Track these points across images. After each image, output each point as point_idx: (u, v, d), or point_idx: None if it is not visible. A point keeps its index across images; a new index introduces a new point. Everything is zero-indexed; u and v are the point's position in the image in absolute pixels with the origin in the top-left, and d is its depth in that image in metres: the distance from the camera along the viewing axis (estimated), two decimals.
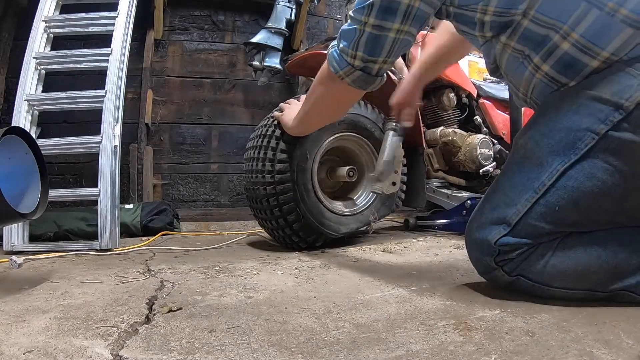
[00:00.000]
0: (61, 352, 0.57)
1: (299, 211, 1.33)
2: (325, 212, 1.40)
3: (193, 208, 2.34)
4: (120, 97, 1.60)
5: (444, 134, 1.95)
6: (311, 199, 1.37)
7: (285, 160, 1.32)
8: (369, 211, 1.52)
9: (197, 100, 2.41)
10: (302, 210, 1.33)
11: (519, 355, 0.54)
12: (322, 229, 1.38)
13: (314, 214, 1.36)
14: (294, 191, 1.32)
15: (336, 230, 1.42)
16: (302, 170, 1.35)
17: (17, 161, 1.00)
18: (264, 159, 1.33)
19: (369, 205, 1.52)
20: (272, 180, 1.31)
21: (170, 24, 2.47)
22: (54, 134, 1.63)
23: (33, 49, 1.62)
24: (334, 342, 0.60)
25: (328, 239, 1.41)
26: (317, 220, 1.36)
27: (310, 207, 1.36)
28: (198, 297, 0.84)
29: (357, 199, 1.54)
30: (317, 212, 1.37)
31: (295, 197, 1.32)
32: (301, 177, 1.35)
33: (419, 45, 1.95)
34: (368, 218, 1.51)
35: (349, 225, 1.46)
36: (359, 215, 1.50)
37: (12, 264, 1.16)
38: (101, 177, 1.51)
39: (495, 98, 2.18)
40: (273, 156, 1.32)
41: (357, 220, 1.49)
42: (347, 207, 1.50)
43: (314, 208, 1.37)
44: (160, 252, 1.44)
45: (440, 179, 1.97)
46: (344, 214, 1.47)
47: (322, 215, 1.39)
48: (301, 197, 1.34)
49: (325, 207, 1.41)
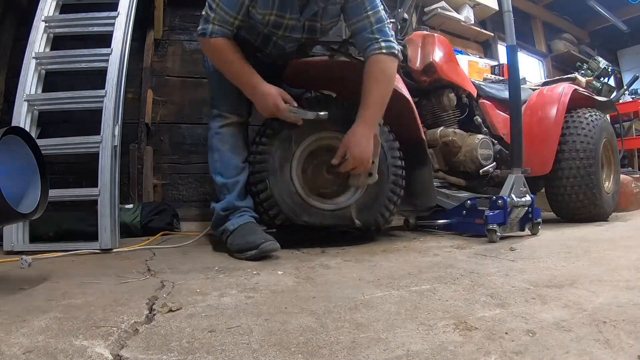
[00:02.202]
0: (61, 352, 0.57)
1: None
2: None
3: (193, 208, 2.33)
4: (120, 97, 1.60)
5: (444, 134, 1.95)
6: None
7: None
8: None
9: (197, 100, 2.40)
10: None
11: (519, 355, 0.54)
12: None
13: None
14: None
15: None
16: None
17: (17, 161, 1.00)
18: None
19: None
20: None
21: (170, 24, 2.46)
22: (54, 134, 1.62)
23: (33, 49, 1.62)
24: (334, 342, 0.60)
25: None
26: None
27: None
28: (198, 297, 0.84)
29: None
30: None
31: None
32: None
33: (418, 46, 1.95)
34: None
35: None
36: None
37: (22, 264, 1.16)
38: (101, 177, 1.50)
39: (495, 98, 2.18)
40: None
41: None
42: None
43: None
44: (160, 252, 1.44)
45: (440, 179, 1.97)
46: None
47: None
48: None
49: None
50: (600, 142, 2.15)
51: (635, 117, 4.16)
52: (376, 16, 1.41)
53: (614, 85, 4.44)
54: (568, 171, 2.07)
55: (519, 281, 0.93)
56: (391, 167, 1.55)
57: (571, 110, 2.19)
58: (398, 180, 1.57)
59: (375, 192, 1.52)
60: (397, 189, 1.57)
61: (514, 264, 1.12)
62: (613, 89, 4.15)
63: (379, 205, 1.53)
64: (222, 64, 1.43)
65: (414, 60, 1.92)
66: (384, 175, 1.53)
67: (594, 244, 1.41)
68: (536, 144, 2.05)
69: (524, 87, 2.38)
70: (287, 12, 1.39)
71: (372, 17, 1.40)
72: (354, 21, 1.42)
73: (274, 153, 1.45)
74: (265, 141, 1.46)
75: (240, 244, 1.31)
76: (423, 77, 1.93)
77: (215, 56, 1.44)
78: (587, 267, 1.06)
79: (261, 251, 1.25)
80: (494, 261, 1.17)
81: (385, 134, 1.57)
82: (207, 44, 1.41)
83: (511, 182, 1.60)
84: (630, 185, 2.87)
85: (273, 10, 1.38)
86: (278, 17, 1.40)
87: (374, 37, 1.40)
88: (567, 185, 2.08)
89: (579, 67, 4.12)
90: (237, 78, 1.42)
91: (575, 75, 2.88)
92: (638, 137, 4.14)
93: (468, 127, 2.07)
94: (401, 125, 1.64)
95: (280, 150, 1.46)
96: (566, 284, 0.89)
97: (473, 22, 3.66)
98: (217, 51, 1.41)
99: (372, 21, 1.40)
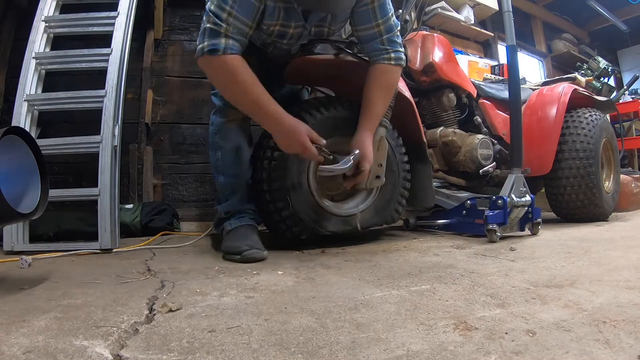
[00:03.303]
0: (61, 352, 0.57)
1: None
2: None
3: (193, 208, 2.33)
4: (120, 97, 1.60)
5: (444, 134, 1.95)
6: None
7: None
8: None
9: (197, 100, 2.41)
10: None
11: (519, 355, 0.54)
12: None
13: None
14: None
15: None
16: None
17: (17, 161, 1.00)
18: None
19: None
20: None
21: (170, 24, 2.47)
22: (54, 134, 1.62)
23: (33, 49, 1.62)
24: (334, 342, 0.60)
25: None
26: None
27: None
28: (198, 297, 0.84)
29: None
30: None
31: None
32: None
33: (418, 46, 1.95)
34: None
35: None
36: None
37: (22, 264, 1.16)
38: (101, 177, 1.50)
39: (495, 98, 2.18)
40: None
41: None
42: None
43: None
44: (160, 252, 1.44)
45: (440, 179, 1.97)
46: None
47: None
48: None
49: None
50: (600, 142, 2.15)
51: (635, 117, 4.17)
52: (387, 24, 1.35)
53: (614, 85, 4.45)
54: (568, 171, 2.07)
55: (519, 281, 0.93)
56: (400, 164, 1.60)
57: (571, 110, 2.19)
58: (407, 176, 1.64)
59: (390, 190, 1.57)
60: (407, 184, 1.64)
61: (514, 264, 1.12)
62: (613, 89, 4.15)
63: (394, 202, 1.59)
64: (234, 88, 1.20)
65: (413, 60, 1.92)
66: (396, 174, 1.58)
67: (594, 244, 1.41)
68: (536, 144, 2.05)
69: (524, 87, 2.38)
70: (292, 20, 1.31)
71: (383, 25, 1.34)
72: (362, 28, 1.36)
73: (291, 167, 1.38)
74: (278, 156, 1.38)
75: (228, 246, 1.31)
76: (423, 77, 1.93)
77: (227, 79, 1.19)
78: (587, 267, 1.06)
79: (243, 258, 1.22)
80: (494, 261, 1.17)
81: (391, 133, 1.58)
82: (219, 63, 1.16)
83: (511, 182, 1.60)
84: (630, 185, 2.87)
85: (278, 20, 1.28)
86: (283, 28, 1.31)
87: (384, 48, 1.37)
88: (567, 185, 2.08)
89: (579, 67, 4.13)
90: (254, 107, 1.21)
91: (575, 75, 2.88)
92: (638, 137, 4.14)
93: (468, 127, 2.07)
94: (402, 126, 1.64)
95: (296, 163, 1.38)
96: (566, 284, 0.89)
97: (473, 22, 3.66)
98: (231, 72, 1.17)
99: (382, 30, 1.35)
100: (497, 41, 3.99)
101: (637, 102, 4.23)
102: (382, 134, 1.43)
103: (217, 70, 1.19)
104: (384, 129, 1.44)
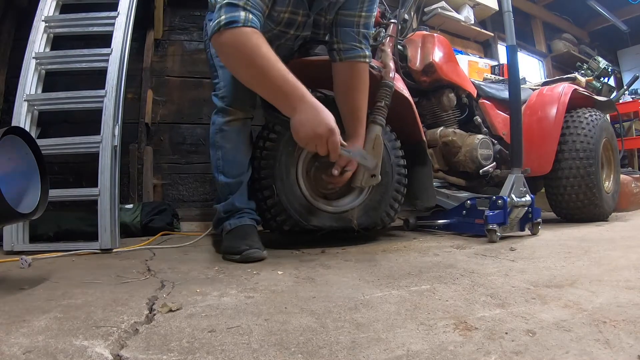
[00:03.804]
0: (61, 352, 0.57)
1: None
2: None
3: (193, 208, 2.33)
4: (120, 97, 1.60)
5: (444, 134, 1.95)
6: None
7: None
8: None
9: (197, 100, 2.41)
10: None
11: (519, 355, 0.54)
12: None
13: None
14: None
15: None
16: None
17: (17, 161, 1.00)
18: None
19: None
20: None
21: (170, 24, 2.47)
22: (54, 134, 1.62)
23: (33, 49, 1.61)
24: (334, 342, 0.60)
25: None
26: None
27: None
28: (198, 297, 0.84)
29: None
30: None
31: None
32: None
33: (418, 46, 1.95)
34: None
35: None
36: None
37: (22, 264, 1.16)
38: (101, 177, 1.50)
39: (495, 98, 2.18)
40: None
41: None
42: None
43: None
44: (160, 252, 1.44)
45: (440, 179, 1.97)
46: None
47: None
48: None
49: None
50: (600, 142, 2.15)
51: (635, 117, 4.17)
52: (367, 20, 1.39)
53: (614, 85, 4.45)
54: (568, 171, 2.07)
55: (519, 281, 0.93)
56: (395, 167, 1.58)
57: (571, 110, 2.19)
58: (402, 180, 1.60)
59: (381, 191, 1.54)
60: (401, 187, 1.60)
61: (514, 264, 1.12)
62: (613, 89, 4.15)
63: (385, 204, 1.56)
64: (257, 62, 1.05)
65: (414, 60, 1.92)
66: (389, 175, 1.55)
67: (594, 244, 1.41)
68: (536, 144, 2.05)
69: (524, 87, 2.38)
70: (300, 8, 1.31)
71: (364, 18, 1.38)
72: (345, 13, 1.37)
73: (280, 158, 1.42)
74: (269, 146, 1.44)
75: (227, 246, 1.31)
76: (423, 77, 1.93)
77: (248, 54, 1.05)
78: (587, 267, 1.06)
79: (243, 258, 1.22)
80: (494, 261, 1.17)
81: (388, 134, 1.57)
82: (238, 36, 1.05)
83: (511, 182, 1.60)
84: (630, 185, 2.87)
85: (289, 7, 1.28)
86: (292, 15, 1.30)
87: (358, 41, 1.38)
88: (567, 185, 2.08)
89: (579, 67, 4.13)
90: (275, 84, 1.07)
91: (575, 75, 2.88)
92: (638, 137, 4.14)
93: (468, 127, 2.07)
94: (402, 126, 1.64)
95: (286, 154, 1.43)
96: (566, 284, 0.89)
97: (473, 22, 3.66)
98: (253, 46, 1.04)
99: (361, 22, 1.38)
100: (497, 41, 3.99)
101: (637, 102, 4.23)
102: (378, 132, 1.43)
103: (236, 45, 1.06)
104: (379, 127, 1.43)
